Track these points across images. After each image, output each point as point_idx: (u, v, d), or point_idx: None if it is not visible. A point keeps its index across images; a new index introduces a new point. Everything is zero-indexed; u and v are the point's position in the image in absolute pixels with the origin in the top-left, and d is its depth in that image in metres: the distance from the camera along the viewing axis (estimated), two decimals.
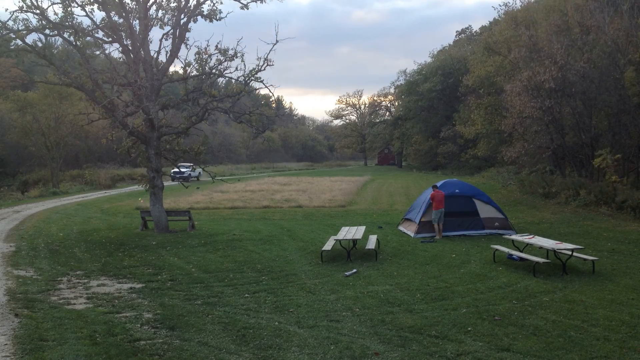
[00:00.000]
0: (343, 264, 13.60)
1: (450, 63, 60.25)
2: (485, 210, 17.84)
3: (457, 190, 18.04)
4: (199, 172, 47.01)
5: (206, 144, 49.55)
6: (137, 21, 19.32)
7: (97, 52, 21.30)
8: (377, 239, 15.64)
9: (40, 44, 18.77)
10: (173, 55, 19.90)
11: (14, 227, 20.95)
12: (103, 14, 19.02)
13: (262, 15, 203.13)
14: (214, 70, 19.55)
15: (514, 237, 14.69)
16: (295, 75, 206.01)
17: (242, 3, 20.28)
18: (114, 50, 20.71)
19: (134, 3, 19.43)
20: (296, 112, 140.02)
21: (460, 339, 7.85)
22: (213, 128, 78.84)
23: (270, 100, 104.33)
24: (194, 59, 19.46)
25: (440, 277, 11.97)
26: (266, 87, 30.28)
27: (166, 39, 19.97)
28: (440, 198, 17.20)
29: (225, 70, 19.71)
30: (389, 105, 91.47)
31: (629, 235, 17.36)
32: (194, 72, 19.93)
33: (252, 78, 19.65)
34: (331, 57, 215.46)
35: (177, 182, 20.49)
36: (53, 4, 18.59)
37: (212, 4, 19.86)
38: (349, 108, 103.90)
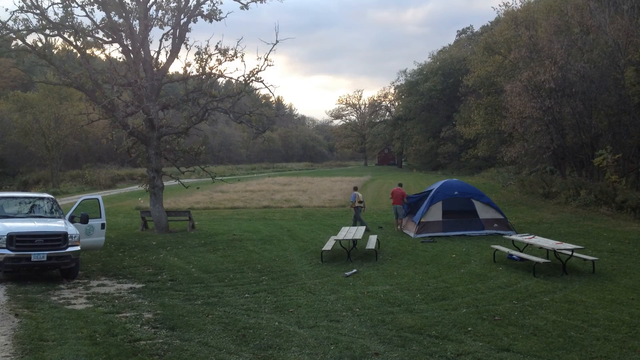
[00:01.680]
0: (343, 264, 13.60)
1: (450, 63, 60.25)
2: (484, 211, 17.84)
3: (455, 192, 18.07)
4: None
5: (206, 144, 49.50)
6: (137, 21, 19.34)
7: (97, 52, 21.32)
8: (377, 239, 15.64)
9: (40, 44, 18.76)
10: (173, 55, 19.92)
11: None
12: (103, 14, 19.08)
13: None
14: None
15: (514, 237, 14.70)
16: (388, 67, 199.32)
17: (241, 3, 20.32)
18: (114, 50, 20.68)
19: (134, 3, 19.45)
20: (296, 112, 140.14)
21: (460, 339, 7.84)
22: (213, 128, 78.75)
23: (270, 100, 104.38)
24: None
25: (440, 277, 11.96)
26: (266, 87, 30.31)
27: (166, 39, 20.01)
28: (398, 195, 17.25)
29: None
30: (389, 105, 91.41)
31: (629, 235, 17.35)
32: (194, 72, 19.96)
33: (253, 78, 19.70)
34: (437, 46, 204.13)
35: (177, 182, 20.43)
36: (53, 4, 18.61)
37: (212, 4, 19.91)
38: (349, 108, 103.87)
